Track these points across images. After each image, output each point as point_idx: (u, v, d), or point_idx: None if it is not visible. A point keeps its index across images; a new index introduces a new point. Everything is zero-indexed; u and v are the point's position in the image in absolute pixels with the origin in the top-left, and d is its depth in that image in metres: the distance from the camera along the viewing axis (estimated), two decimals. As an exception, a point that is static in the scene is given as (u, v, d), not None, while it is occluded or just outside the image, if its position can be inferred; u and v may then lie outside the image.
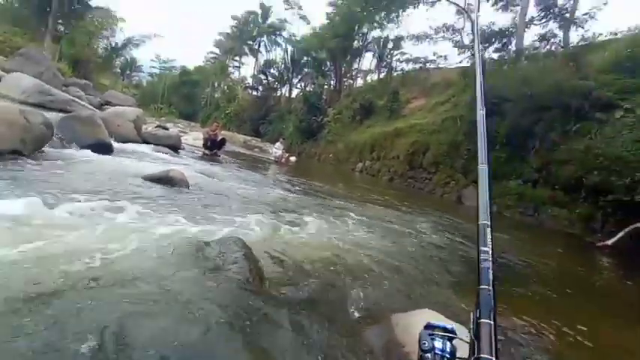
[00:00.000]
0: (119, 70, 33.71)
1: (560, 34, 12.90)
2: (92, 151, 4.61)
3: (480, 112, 0.72)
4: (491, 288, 0.44)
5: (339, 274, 2.26)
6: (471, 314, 0.44)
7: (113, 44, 24.61)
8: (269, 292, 1.85)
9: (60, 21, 18.24)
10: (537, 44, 13.49)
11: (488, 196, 0.55)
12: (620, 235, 5.24)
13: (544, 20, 13.20)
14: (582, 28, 12.08)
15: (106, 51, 24.07)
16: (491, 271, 0.46)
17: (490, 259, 0.47)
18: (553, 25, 13.11)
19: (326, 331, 1.53)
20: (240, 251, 2.13)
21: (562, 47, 11.99)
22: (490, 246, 0.48)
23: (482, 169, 0.61)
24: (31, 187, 2.57)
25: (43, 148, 3.73)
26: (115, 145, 5.49)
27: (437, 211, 6.29)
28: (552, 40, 13.23)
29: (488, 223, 0.51)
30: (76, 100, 8.30)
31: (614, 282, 3.91)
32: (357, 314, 1.76)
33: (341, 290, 1.99)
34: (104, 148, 4.93)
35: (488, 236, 0.50)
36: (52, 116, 4.59)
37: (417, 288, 2.36)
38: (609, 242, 5.31)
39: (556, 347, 1.79)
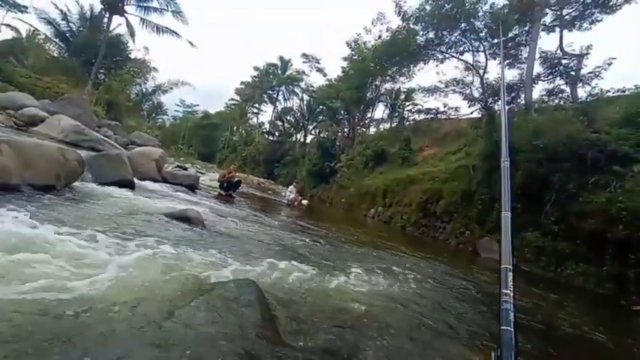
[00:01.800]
0: (146, 113, 36.25)
1: (568, 89, 13.34)
2: (117, 187, 4.83)
3: (505, 163, 0.78)
4: (512, 329, 0.45)
5: (352, 325, 2.17)
6: (492, 353, 0.45)
7: (144, 90, 26.89)
8: (281, 339, 1.79)
9: (102, 70, 20.30)
10: (546, 99, 13.92)
11: (511, 242, 0.58)
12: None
13: (550, 77, 13.77)
14: (589, 85, 12.50)
15: (137, 96, 26.23)
16: (512, 313, 0.47)
17: (511, 301, 0.48)
18: (560, 82, 13.63)
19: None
20: (253, 294, 2.10)
21: (571, 102, 12.31)
22: (511, 289, 0.50)
23: (506, 216, 0.65)
24: (58, 218, 2.69)
25: (74, 183, 3.94)
26: (137, 182, 5.74)
27: (452, 264, 6.06)
28: (560, 95, 13.66)
29: (510, 267, 0.54)
30: (106, 139, 8.89)
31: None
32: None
33: (356, 342, 1.90)
34: (127, 185, 5.15)
35: (510, 279, 0.52)
36: (84, 154, 4.92)
37: (432, 346, 2.22)
38: (645, 305, 4.92)
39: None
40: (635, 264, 5.76)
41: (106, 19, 19.30)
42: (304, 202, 11.91)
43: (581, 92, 12.65)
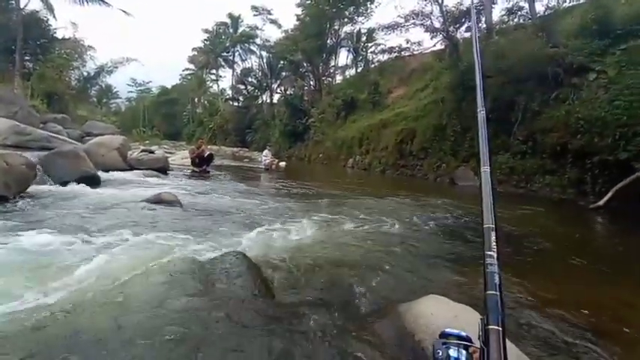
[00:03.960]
0: (95, 100, 33.15)
1: (526, 5, 13.12)
2: (80, 184, 4.54)
3: (481, 113, 0.70)
4: (498, 293, 0.43)
5: (344, 271, 2.27)
6: (479, 320, 0.43)
7: (85, 74, 24.20)
8: (277, 299, 1.85)
9: (27, 57, 17.85)
10: (506, 19, 13.70)
11: (492, 200, 0.53)
12: (610, 195, 5.39)
13: (508, -5, 13.41)
14: (546, -3, 12.29)
15: (79, 82, 23.65)
16: (497, 276, 0.44)
17: (496, 263, 0.45)
18: (518, -1, 13.31)
19: (337, 329, 1.54)
20: (243, 264, 2.13)
21: (529, 19, 12.21)
22: (495, 250, 0.47)
23: (485, 171, 0.59)
24: (19, 228, 2.52)
25: (28, 189, 3.65)
26: (102, 175, 5.41)
27: (431, 196, 6.35)
28: (519, 12, 13.44)
29: (493, 226, 0.50)
30: (55, 135, 8.14)
31: (610, 242, 4.02)
32: (365, 309, 1.77)
33: (348, 288, 2.00)
34: (91, 180, 4.84)
35: (493, 240, 0.48)
36: (34, 155, 4.50)
37: (422, 274, 2.39)
38: (601, 203, 5.45)
39: (563, 316, 1.83)
40: (590, 168, 6.26)
41: (13, -5, 16.48)
42: (282, 164, 11.80)
43: (539, 7, 12.50)
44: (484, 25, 12.85)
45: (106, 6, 17.35)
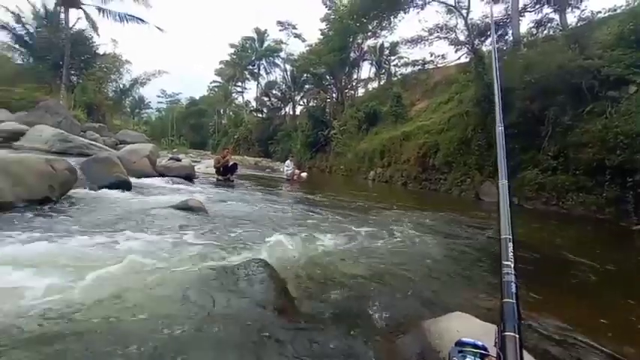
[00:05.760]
0: (129, 110, 35.19)
1: (557, 17, 12.76)
2: (113, 189, 4.80)
3: (499, 128, 0.72)
4: (514, 301, 0.44)
5: (366, 284, 2.24)
6: (496, 328, 0.45)
7: (121, 86, 25.86)
8: (297, 309, 1.85)
9: (72, 72, 19.37)
10: (534, 31, 13.36)
11: (509, 211, 0.55)
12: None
13: (537, 6, 13.12)
14: (578, 8, 11.92)
15: (115, 93, 25.28)
16: (514, 285, 0.46)
17: (513, 272, 0.47)
18: (548, 10, 13.00)
19: (358, 342, 1.51)
20: (264, 272, 2.15)
21: (560, 30, 11.83)
22: (512, 259, 0.49)
23: (503, 184, 0.61)
24: (61, 227, 2.70)
25: (69, 192, 3.91)
26: (133, 181, 5.69)
27: (456, 211, 6.17)
28: (549, 24, 13.09)
29: (510, 237, 0.52)
30: (93, 143, 8.71)
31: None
32: (388, 324, 1.73)
33: (370, 301, 1.97)
34: (124, 186, 5.11)
35: (511, 250, 0.50)
36: (74, 161, 4.83)
37: (446, 291, 2.31)
38: (645, 223, 5.08)
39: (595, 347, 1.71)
40: (632, 186, 5.86)
41: (63, 15, 18.08)
42: (303, 174, 11.91)
43: (571, 18, 12.12)
44: (511, 38, 12.61)
45: (142, 23, 18.62)
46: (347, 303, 1.95)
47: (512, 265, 0.48)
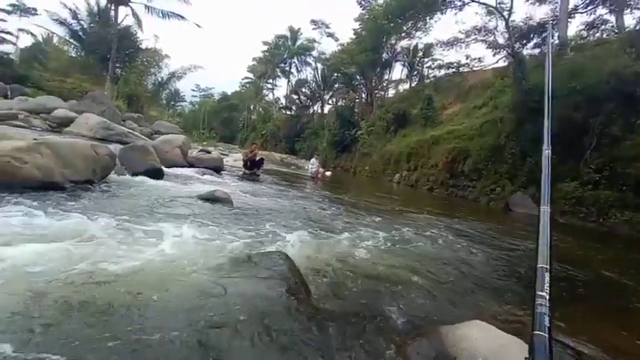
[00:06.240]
0: (165, 102, 36.94)
1: (612, 19, 11.80)
2: (147, 176, 5.08)
3: (547, 152, 0.68)
4: (547, 334, 0.42)
5: (385, 286, 2.22)
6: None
7: (160, 79, 27.23)
8: (314, 304, 1.87)
9: (117, 65, 20.68)
10: (585, 33, 12.47)
11: (549, 240, 0.52)
12: None
13: (590, 7, 12.22)
14: (638, 9, 10.94)
15: (154, 86, 26.66)
16: (547, 317, 0.43)
17: (547, 304, 0.44)
18: (602, 11, 12.07)
19: (373, 344, 1.51)
20: (284, 264, 2.20)
21: (616, 33, 10.93)
22: (548, 291, 0.46)
23: (544, 210, 0.58)
24: (103, 208, 2.92)
25: (108, 176, 4.20)
26: (165, 169, 5.98)
27: (483, 221, 5.93)
28: (602, 27, 12.15)
29: (547, 267, 0.49)
30: (131, 131, 9.26)
31: None
32: (404, 327, 1.71)
33: (387, 302, 1.96)
34: (156, 173, 5.39)
35: (547, 280, 0.47)
36: (113, 147, 5.17)
37: (467, 299, 2.24)
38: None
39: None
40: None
41: (112, 12, 19.34)
42: (327, 173, 11.94)
43: (629, 20, 11.17)
44: (557, 41, 11.88)
45: (183, 20, 19.49)
46: (365, 301, 1.95)
47: (547, 297, 0.45)
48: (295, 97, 36.32)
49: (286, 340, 1.45)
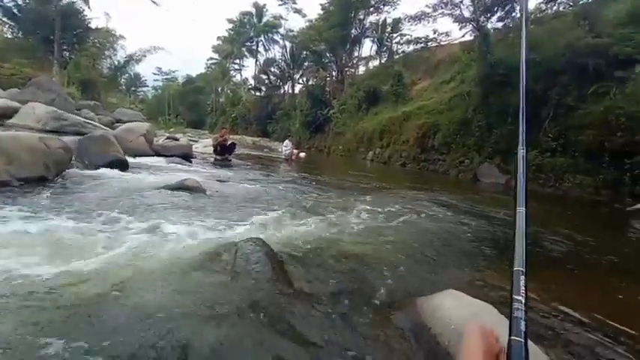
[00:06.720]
0: (124, 88, 34.45)
1: (568, -8, 12.26)
2: (110, 168, 4.77)
3: (521, 152, 0.66)
4: (523, 340, 0.41)
5: (362, 264, 2.28)
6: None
7: (116, 63, 25.17)
8: (294, 287, 1.88)
9: (65, 47, 18.76)
10: (543, 7, 12.87)
11: (525, 242, 0.51)
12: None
13: (549, -20, 12.57)
14: (591, -18, 11.43)
15: (110, 70, 24.64)
16: (523, 322, 0.42)
17: (523, 309, 0.44)
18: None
19: (354, 320, 1.55)
20: (261, 250, 2.17)
21: (571, 6, 11.40)
22: (524, 295, 0.45)
23: (520, 212, 0.56)
24: (55, 207, 2.70)
25: (65, 171, 3.88)
26: (130, 160, 5.64)
27: (453, 192, 6.19)
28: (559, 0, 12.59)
29: (524, 270, 0.48)
30: (89, 121, 8.56)
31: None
32: (383, 301, 1.77)
33: (365, 280, 2.01)
34: (120, 165, 5.07)
35: (523, 284, 0.46)
36: (69, 139, 4.77)
37: (441, 270, 2.35)
38: (640, 205, 5.12)
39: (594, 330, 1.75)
40: (630, 168, 5.87)
41: (52, -14, 17.30)
42: (302, 154, 11.85)
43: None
44: (518, 15, 12.14)
45: (136, -4, 17.81)
46: (343, 280, 1.99)
47: (524, 301, 0.44)
48: (264, 77, 35.07)
49: (267, 324, 1.45)
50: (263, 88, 35.15)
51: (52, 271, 1.69)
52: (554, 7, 12.51)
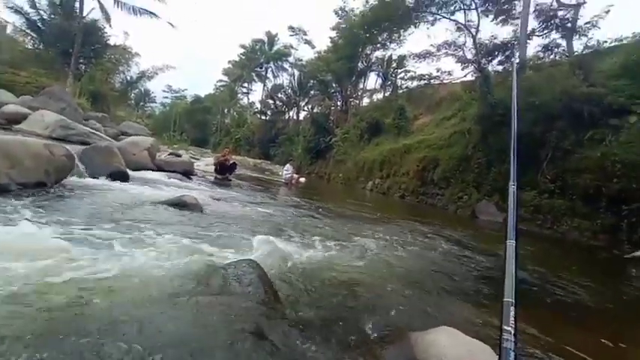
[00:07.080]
0: (134, 102, 35.28)
1: (564, 43, 12.99)
2: (110, 179, 4.78)
3: (512, 187, 0.70)
4: None
5: (356, 293, 2.22)
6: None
7: (129, 78, 25.97)
8: (285, 312, 1.83)
9: (82, 60, 19.45)
10: (541, 54, 13.58)
11: (514, 274, 0.52)
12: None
13: (546, 31, 13.36)
14: (585, 36, 12.16)
15: (122, 85, 25.37)
16: (513, 353, 0.43)
17: (513, 339, 0.44)
18: (555, 35, 13.25)
19: (343, 349, 1.49)
20: (254, 273, 2.13)
21: (567, 56, 12.03)
22: (513, 326, 0.46)
23: (511, 244, 0.59)
24: (53, 215, 2.67)
25: (65, 179, 3.89)
26: (131, 173, 5.67)
27: (451, 227, 6.16)
28: (556, 49, 13.31)
29: (513, 301, 0.49)
30: (95, 132, 8.69)
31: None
32: (374, 334, 1.71)
33: (358, 310, 1.95)
34: (121, 176, 5.09)
35: (512, 315, 0.47)
36: (74, 148, 4.82)
37: (436, 305, 2.29)
38: (638, 253, 5.07)
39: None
40: (627, 215, 5.88)
41: (77, 4, 18.24)
42: (302, 179, 11.90)
43: (578, 45, 12.36)
44: (517, 60, 12.78)
45: (155, 18, 18.79)
46: (336, 309, 1.93)
47: (513, 332, 0.45)
48: (271, 102, 36.09)
49: (257, 350, 1.39)
50: (269, 113, 36.04)
51: (17, 280, 1.64)
52: (551, 56, 13.21)
